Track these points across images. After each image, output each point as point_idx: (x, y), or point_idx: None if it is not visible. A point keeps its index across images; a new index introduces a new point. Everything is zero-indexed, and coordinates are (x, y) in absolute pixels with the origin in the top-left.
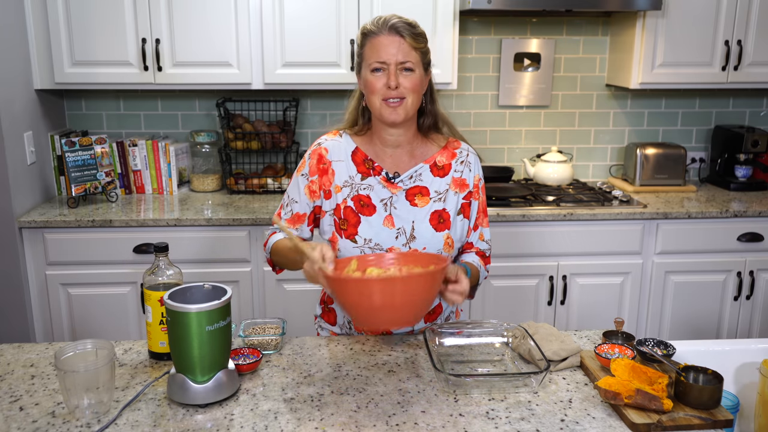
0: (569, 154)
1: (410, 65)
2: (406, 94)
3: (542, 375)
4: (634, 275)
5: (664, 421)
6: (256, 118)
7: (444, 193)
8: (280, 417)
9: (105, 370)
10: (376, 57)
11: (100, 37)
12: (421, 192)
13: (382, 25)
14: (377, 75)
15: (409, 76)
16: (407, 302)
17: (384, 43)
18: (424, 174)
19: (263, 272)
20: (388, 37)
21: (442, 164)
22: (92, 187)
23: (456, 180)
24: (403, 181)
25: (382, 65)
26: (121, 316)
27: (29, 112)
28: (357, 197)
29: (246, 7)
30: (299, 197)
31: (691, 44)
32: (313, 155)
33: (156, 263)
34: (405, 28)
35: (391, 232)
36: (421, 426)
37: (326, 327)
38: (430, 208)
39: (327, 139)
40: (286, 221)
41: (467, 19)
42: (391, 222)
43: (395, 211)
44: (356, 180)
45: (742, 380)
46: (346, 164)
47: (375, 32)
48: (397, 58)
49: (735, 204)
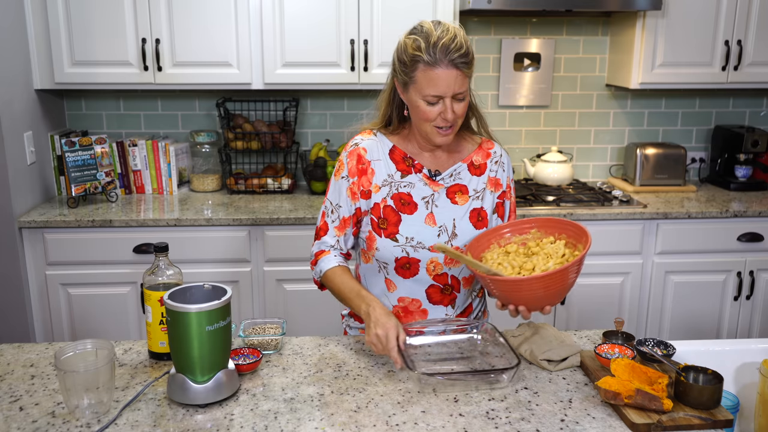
0: (569, 154)
1: (464, 94)
2: (456, 121)
3: (513, 371)
4: (634, 275)
5: (664, 421)
6: (256, 118)
7: (481, 191)
8: (280, 417)
9: (105, 370)
10: (433, 90)
11: (100, 37)
12: (461, 190)
13: (440, 56)
14: (432, 106)
15: (462, 104)
16: (572, 283)
17: (442, 77)
18: (463, 172)
19: (263, 272)
20: (446, 71)
21: (478, 163)
22: (92, 187)
23: (492, 179)
24: (444, 178)
25: (437, 98)
26: (121, 316)
27: (29, 112)
28: (397, 195)
29: (246, 7)
30: (343, 201)
31: (691, 44)
32: (351, 156)
33: (156, 263)
34: (463, 62)
35: (433, 230)
36: (421, 426)
37: (355, 326)
38: (469, 206)
39: (363, 138)
40: (335, 228)
41: (467, 19)
42: (432, 220)
43: (436, 209)
44: (396, 178)
45: (742, 380)
46: (385, 163)
47: (431, 63)
48: (454, 90)
49: (735, 204)
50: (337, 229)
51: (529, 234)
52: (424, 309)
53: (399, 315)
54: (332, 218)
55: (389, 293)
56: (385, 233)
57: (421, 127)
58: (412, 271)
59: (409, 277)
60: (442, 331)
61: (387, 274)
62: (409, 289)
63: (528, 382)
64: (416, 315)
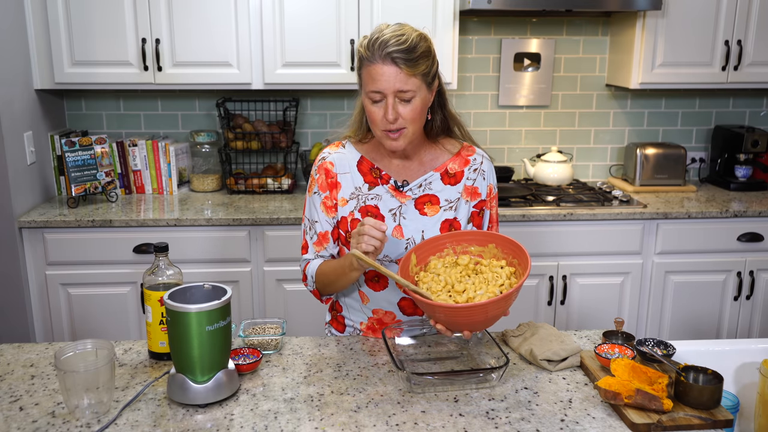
0: (569, 154)
1: (410, 94)
2: (405, 124)
3: (502, 370)
4: (634, 275)
5: (664, 421)
6: (256, 118)
7: (455, 201)
8: (280, 417)
9: (105, 370)
10: (372, 86)
11: (100, 37)
12: (430, 201)
13: (377, 50)
14: (376, 106)
15: (409, 106)
16: (491, 318)
17: (379, 73)
18: (434, 182)
19: (263, 272)
20: (383, 67)
21: (454, 172)
22: (92, 187)
23: (468, 188)
24: (412, 189)
25: (379, 95)
26: (121, 316)
27: (29, 112)
28: (364, 208)
29: (246, 7)
30: (319, 216)
31: (690, 44)
32: (320, 171)
33: (156, 263)
34: (401, 57)
35: (400, 243)
36: (421, 426)
37: (335, 334)
38: (440, 216)
39: (330, 152)
40: (314, 245)
41: (467, 19)
42: (400, 232)
43: (404, 221)
44: (363, 191)
45: (742, 380)
46: (352, 176)
47: (370, 59)
48: (394, 88)
49: (735, 204)
50: (315, 245)
51: (486, 248)
52: (399, 320)
53: (374, 327)
54: (310, 234)
55: (363, 306)
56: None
57: (374, 132)
58: (382, 284)
59: (379, 290)
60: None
61: (360, 286)
62: (381, 302)
63: (528, 382)
64: None
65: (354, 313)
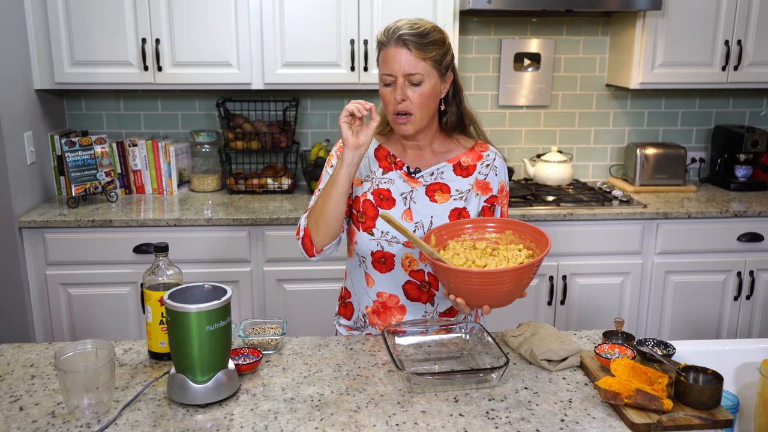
0: (569, 154)
1: (419, 78)
2: (412, 109)
3: (502, 370)
4: (634, 275)
5: (664, 421)
6: (256, 118)
7: (466, 193)
8: (280, 417)
9: (105, 370)
10: (384, 68)
11: (100, 37)
12: (441, 189)
13: (391, 35)
14: (388, 89)
15: (417, 90)
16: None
17: (391, 55)
18: (447, 172)
19: (263, 272)
20: (395, 49)
21: (466, 165)
22: (92, 187)
23: (479, 182)
24: (424, 176)
25: (390, 77)
26: (121, 316)
27: (29, 112)
28: (377, 191)
29: (246, 7)
30: None
31: (690, 44)
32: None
33: (156, 263)
34: (412, 39)
35: (408, 226)
36: (421, 426)
37: (343, 323)
38: (450, 205)
39: None
40: None
41: (467, 19)
42: (409, 215)
43: (414, 205)
44: (377, 175)
45: (742, 380)
46: (369, 159)
47: (384, 43)
48: (403, 70)
49: (735, 204)
50: None
51: (503, 234)
52: (402, 305)
53: (378, 311)
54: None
55: (368, 288)
56: (363, 227)
57: (388, 117)
58: (388, 266)
59: (385, 271)
60: (427, 331)
61: (366, 268)
62: (386, 285)
63: (528, 382)
64: (394, 311)
65: (360, 296)
